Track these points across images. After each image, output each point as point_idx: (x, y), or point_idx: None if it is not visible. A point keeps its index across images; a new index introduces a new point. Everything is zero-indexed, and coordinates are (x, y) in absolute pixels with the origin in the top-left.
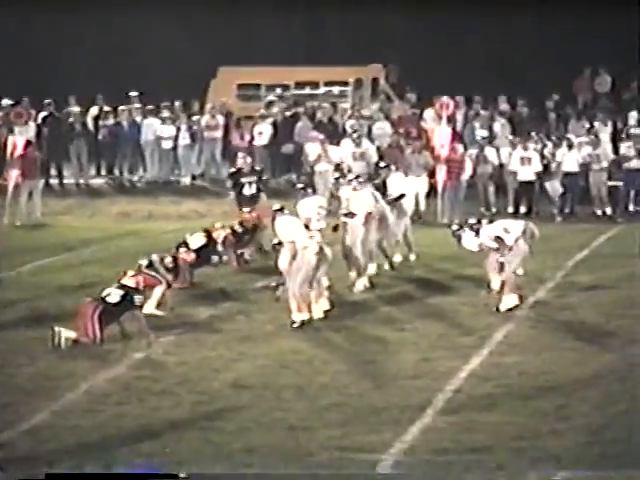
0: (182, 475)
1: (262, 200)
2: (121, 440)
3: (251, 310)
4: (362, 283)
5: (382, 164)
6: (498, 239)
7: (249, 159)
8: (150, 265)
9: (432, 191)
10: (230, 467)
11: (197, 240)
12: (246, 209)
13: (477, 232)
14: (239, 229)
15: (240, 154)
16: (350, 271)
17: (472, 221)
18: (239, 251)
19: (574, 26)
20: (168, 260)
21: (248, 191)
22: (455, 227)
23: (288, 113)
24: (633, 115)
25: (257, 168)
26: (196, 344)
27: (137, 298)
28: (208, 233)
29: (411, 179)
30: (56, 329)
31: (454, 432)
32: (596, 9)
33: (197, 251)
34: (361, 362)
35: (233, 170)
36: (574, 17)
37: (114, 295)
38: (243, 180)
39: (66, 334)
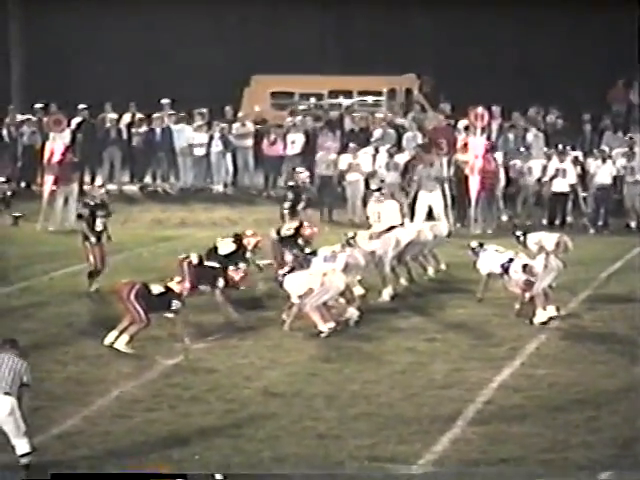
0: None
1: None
2: (151, 446)
3: (283, 318)
4: (387, 293)
5: (373, 187)
6: (526, 268)
7: (307, 173)
8: (200, 264)
9: (467, 202)
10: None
11: (227, 246)
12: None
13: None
14: (288, 233)
15: (299, 169)
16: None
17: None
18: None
19: (608, 37)
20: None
21: (300, 206)
22: (475, 244)
23: (319, 123)
24: None
25: (308, 187)
26: (227, 351)
27: (175, 303)
28: (239, 239)
29: (423, 194)
30: (109, 343)
31: (484, 443)
32: (630, 20)
33: (226, 257)
34: (392, 372)
35: (292, 184)
36: (608, 28)
37: (155, 288)
38: (302, 196)
39: (122, 340)
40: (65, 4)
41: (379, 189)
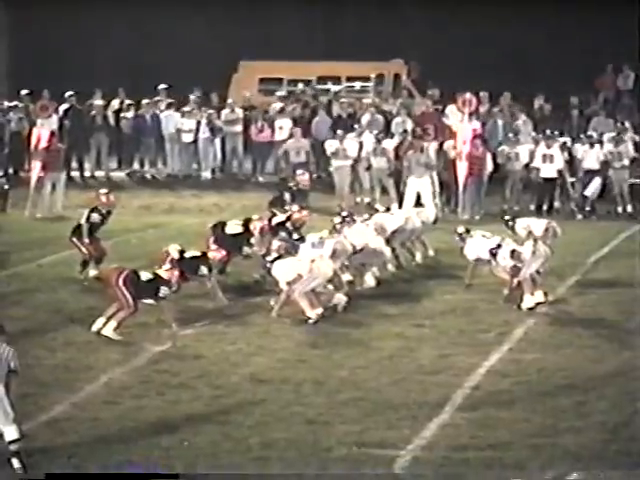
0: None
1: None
2: (139, 433)
3: (271, 304)
4: (370, 278)
5: (344, 213)
6: (514, 253)
7: (307, 176)
8: (181, 259)
9: (455, 187)
10: (247, 461)
11: (234, 227)
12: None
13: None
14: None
15: (299, 171)
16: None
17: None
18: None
19: (597, 22)
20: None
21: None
22: (461, 230)
23: (306, 108)
24: None
25: (307, 189)
26: (215, 338)
27: (163, 289)
28: (246, 223)
29: (412, 180)
30: (97, 329)
31: (472, 429)
32: (619, 5)
33: (232, 237)
34: (380, 357)
35: (292, 184)
36: (597, 13)
37: (144, 274)
38: (297, 198)
39: (110, 327)
40: None
41: (350, 214)
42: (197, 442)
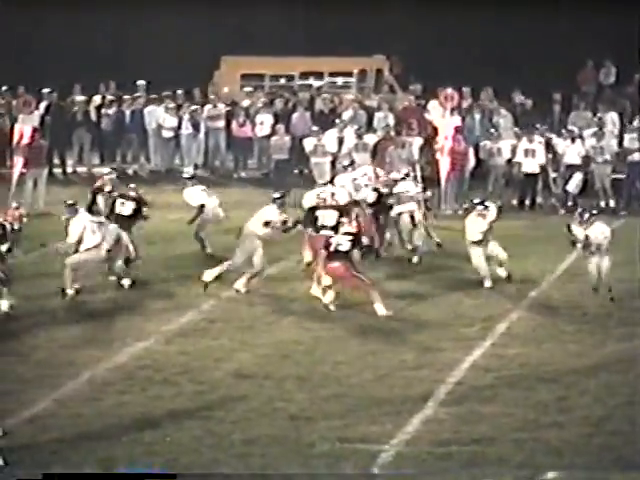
0: None
1: None
2: (122, 429)
3: (255, 301)
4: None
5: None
6: None
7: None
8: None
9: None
10: (230, 457)
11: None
12: None
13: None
14: None
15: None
16: None
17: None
18: None
19: (579, 17)
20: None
21: None
22: None
23: (287, 105)
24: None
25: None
26: (198, 333)
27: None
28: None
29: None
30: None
31: (455, 423)
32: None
33: None
34: (362, 353)
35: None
36: (578, 9)
37: (344, 243)
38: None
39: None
40: None
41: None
42: (179, 438)
